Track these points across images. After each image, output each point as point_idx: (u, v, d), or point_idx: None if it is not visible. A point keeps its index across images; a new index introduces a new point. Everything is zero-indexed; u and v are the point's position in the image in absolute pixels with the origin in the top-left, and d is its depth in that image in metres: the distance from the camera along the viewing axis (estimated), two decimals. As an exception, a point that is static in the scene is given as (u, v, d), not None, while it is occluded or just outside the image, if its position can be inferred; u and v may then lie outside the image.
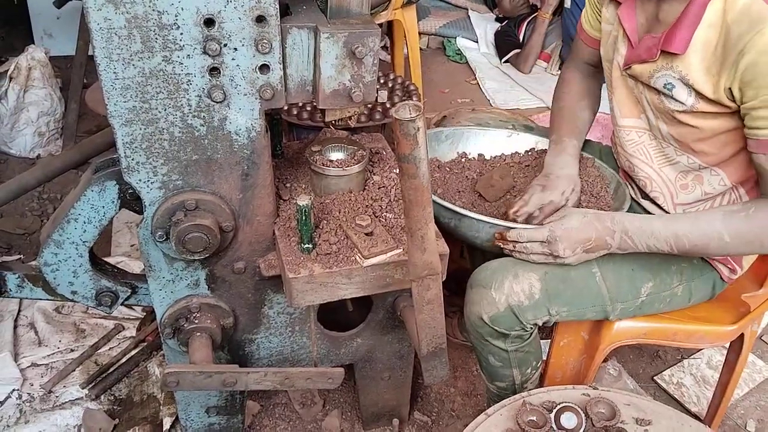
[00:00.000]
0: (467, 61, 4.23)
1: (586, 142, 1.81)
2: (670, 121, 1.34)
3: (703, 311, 1.50)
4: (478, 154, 1.72)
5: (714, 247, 1.27)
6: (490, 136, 1.73)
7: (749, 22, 1.14)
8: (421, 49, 3.59)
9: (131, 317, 2.07)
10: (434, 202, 1.36)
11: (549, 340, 1.54)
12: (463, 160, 1.69)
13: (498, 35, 4.24)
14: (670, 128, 1.35)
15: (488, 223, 1.36)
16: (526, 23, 4.09)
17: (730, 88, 1.19)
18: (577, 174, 1.51)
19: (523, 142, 1.73)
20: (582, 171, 1.57)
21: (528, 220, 1.42)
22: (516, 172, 1.64)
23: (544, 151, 1.66)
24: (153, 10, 0.99)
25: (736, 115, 1.24)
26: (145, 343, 1.95)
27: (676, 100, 1.28)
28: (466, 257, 2.07)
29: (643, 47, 1.32)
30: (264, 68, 1.09)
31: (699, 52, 1.22)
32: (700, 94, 1.24)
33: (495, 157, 1.71)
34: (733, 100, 1.20)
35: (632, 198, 1.52)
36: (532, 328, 1.38)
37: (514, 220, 1.42)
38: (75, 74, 2.84)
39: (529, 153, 1.69)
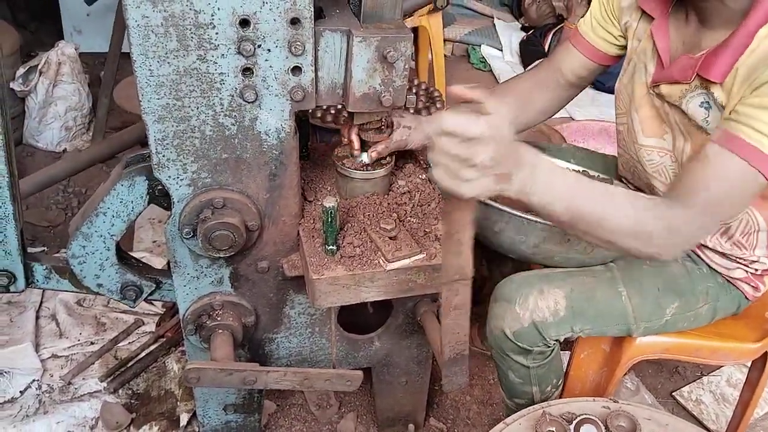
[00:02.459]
0: (491, 69, 4.22)
1: (603, 157, 1.79)
2: (698, 147, 1.26)
3: (726, 328, 1.48)
4: None
5: (608, 223, 1.06)
6: None
7: None
8: (445, 55, 3.59)
9: (151, 312, 2.09)
10: (484, 203, 1.31)
11: (569, 352, 1.54)
12: None
13: (523, 44, 4.23)
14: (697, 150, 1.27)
15: (542, 224, 1.30)
16: (551, 33, 4.07)
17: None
18: None
19: None
20: None
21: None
22: None
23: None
24: (190, 9, 1.00)
25: None
26: (165, 339, 1.96)
27: (705, 126, 1.22)
28: (484, 264, 2.07)
29: (677, 67, 1.25)
30: (296, 70, 1.10)
31: (737, 79, 1.15)
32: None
33: None
34: None
35: None
36: (554, 344, 1.36)
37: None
38: (108, 70, 2.87)
39: None
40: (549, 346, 1.35)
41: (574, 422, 1.18)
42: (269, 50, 1.07)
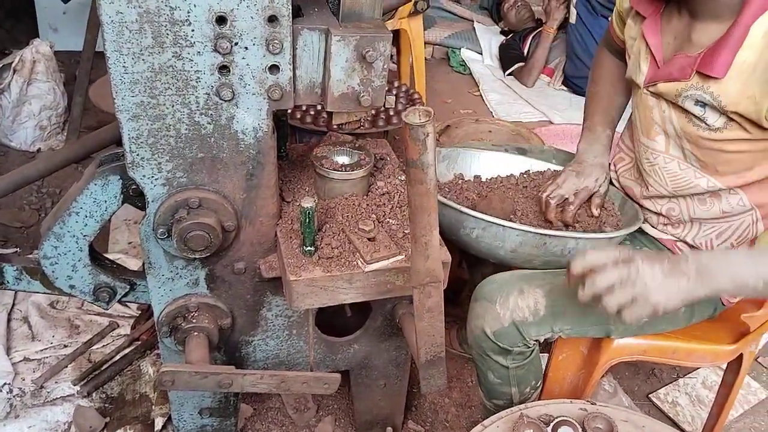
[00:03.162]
0: (471, 73, 4.24)
1: None
2: (694, 144, 1.31)
3: (702, 330, 1.49)
4: (474, 176, 1.71)
5: None
6: (486, 158, 1.72)
7: None
8: (425, 59, 3.60)
9: (126, 315, 2.05)
10: (459, 211, 1.35)
11: (548, 354, 1.54)
12: (460, 181, 1.68)
13: (502, 48, 4.25)
14: (694, 149, 1.32)
15: (516, 230, 1.32)
16: (530, 37, 4.10)
17: None
18: (608, 165, 1.54)
19: (518, 165, 1.72)
20: None
21: (562, 205, 1.45)
22: (514, 194, 1.61)
23: (540, 173, 1.66)
24: (165, 5, 0.98)
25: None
26: (139, 342, 1.94)
27: (704, 122, 1.25)
28: (464, 267, 2.07)
29: (675, 66, 1.28)
30: (274, 68, 1.09)
31: (736, 74, 1.19)
32: (732, 118, 1.22)
33: (491, 179, 1.69)
34: None
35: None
36: (534, 344, 1.37)
37: (548, 203, 1.45)
38: (82, 68, 2.83)
39: (524, 175, 1.68)
40: (529, 347, 1.36)
41: (552, 424, 1.18)
42: (246, 48, 1.05)
